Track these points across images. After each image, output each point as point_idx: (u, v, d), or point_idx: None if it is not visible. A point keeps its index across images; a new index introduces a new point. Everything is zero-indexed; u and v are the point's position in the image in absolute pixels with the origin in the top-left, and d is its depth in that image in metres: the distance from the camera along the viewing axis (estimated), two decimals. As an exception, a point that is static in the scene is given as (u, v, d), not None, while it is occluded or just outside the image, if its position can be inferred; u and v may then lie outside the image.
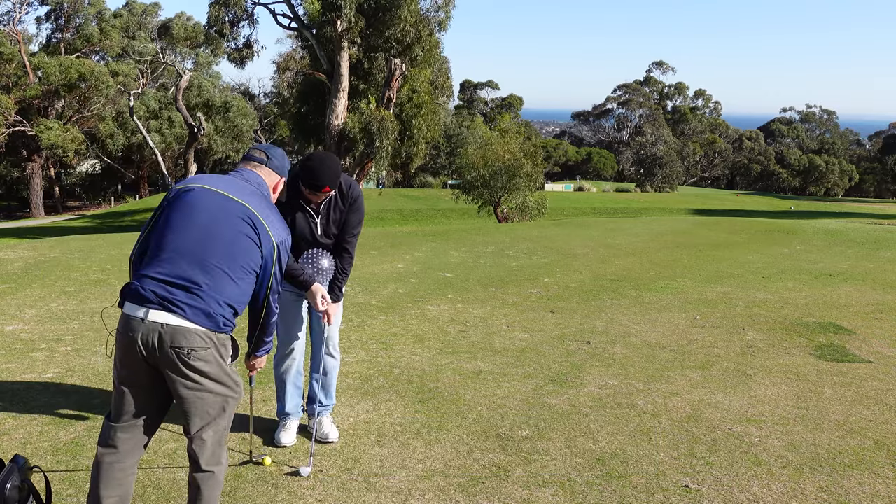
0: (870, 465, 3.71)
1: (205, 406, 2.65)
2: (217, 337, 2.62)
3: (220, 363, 2.65)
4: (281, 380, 3.83)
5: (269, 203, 2.85)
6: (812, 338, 6.18)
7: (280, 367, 3.82)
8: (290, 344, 3.76)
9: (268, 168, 2.94)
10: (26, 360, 5.06)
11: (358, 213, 3.66)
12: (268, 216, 2.77)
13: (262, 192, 2.86)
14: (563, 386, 4.82)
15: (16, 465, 2.73)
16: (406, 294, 7.79)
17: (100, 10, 50.25)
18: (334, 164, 3.42)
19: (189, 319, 2.54)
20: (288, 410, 3.86)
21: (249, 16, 28.02)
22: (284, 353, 3.78)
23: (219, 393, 2.67)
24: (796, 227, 16.06)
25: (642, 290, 8.30)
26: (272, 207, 2.85)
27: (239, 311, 2.70)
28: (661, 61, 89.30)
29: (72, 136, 41.16)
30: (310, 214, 3.57)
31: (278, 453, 3.71)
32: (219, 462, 2.71)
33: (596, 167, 77.73)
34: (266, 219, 2.75)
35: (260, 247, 2.71)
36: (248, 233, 2.69)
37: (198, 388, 2.61)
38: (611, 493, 3.37)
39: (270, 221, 2.77)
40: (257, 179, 2.88)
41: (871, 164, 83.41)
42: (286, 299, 3.67)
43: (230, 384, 2.70)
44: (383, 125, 21.59)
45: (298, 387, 3.87)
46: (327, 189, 3.41)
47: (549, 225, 17.06)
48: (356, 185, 3.67)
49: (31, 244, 11.19)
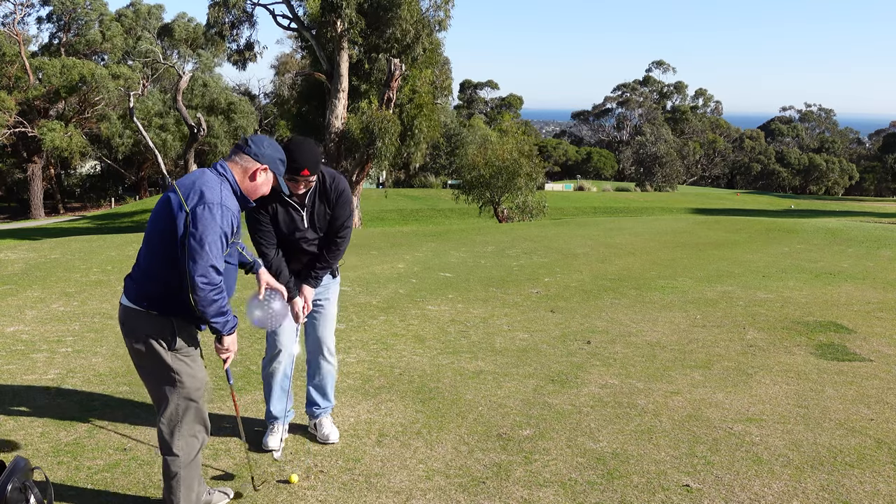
0: (871, 463, 3.71)
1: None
2: (148, 316, 2.79)
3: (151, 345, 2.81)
4: (268, 382, 3.79)
5: (214, 181, 2.78)
6: (813, 337, 6.18)
7: (267, 370, 3.77)
8: (276, 346, 3.71)
9: (244, 154, 2.89)
10: (27, 362, 5.06)
11: (346, 206, 3.58)
12: (194, 189, 2.72)
13: (218, 178, 2.81)
14: (563, 385, 4.81)
15: (17, 466, 2.73)
16: (406, 294, 7.79)
17: (101, 12, 50.27)
18: (312, 148, 3.34)
19: (129, 300, 2.83)
20: (275, 414, 3.81)
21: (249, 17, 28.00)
22: (272, 356, 3.73)
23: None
24: (796, 225, 16.05)
25: (643, 289, 8.30)
26: (211, 184, 2.75)
27: (160, 287, 2.77)
28: (661, 61, 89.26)
29: (76, 139, 41.16)
30: (293, 207, 3.50)
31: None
32: (170, 451, 2.87)
33: (596, 167, 77.69)
34: (188, 190, 2.73)
35: (176, 220, 2.70)
36: (169, 214, 2.73)
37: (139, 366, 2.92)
38: (612, 492, 3.37)
39: (193, 191, 2.72)
40: (225, 171, 2.86)
41: (872, 163, 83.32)
42: None
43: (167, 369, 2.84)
44: (384, 125, 21.58)
45: (285, 390, 3.82)
46: (306, 172, 3.31)
47: (549, 225, 17.06)
48: (341, 178, 3.59)
49: (32, 245, 11.19)
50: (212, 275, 2.67)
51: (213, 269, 2.68)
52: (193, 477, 2.90)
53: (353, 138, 22.38)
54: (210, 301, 2.70)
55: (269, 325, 3.32)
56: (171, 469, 2.86)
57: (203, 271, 2.65)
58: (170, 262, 2.73)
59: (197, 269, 2.65)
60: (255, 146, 2.90)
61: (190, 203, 2.69)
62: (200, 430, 2.92)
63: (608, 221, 17.83)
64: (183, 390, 2.84)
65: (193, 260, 2.65)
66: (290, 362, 3.78)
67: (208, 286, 2.67)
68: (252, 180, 2.90)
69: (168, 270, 2.74)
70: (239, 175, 2.88)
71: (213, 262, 2.67)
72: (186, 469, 2.87)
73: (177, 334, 2.81)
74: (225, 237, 2.73)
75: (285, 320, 3.46)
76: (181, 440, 2.86)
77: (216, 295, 2.71)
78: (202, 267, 2.65)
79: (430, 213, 41.46)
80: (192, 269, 2.65)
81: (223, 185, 2.80)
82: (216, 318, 2.76)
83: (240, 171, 2.88)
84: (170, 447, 2.85)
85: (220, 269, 2.70)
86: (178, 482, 2.86)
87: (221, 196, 2.74)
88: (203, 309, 2.70)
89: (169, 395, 2.84)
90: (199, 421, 2.92)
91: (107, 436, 3.85)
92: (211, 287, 2.68)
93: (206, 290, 2.68)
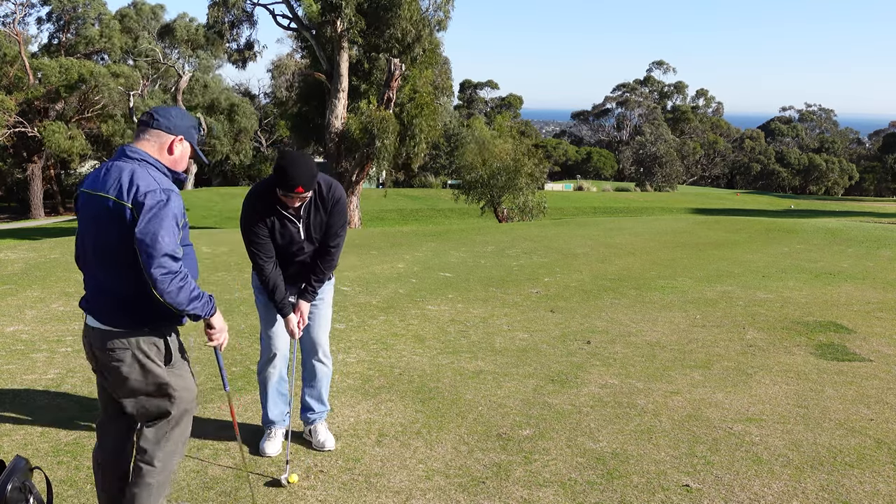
0: (871, 463, 3.71)
1: None
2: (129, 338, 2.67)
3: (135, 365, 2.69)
4: (264, 386, 3.74)
5: (134, 168, 2.62)
6: (812, 337, 6.18)
7: (262, 374, 3.72)
8: (271, 350, 3.66)
9: (155, 129, 2.70)
10: (27, 362, 5.06)
11: (341, 215, 3.51)
12: (121, 181, 2.58)
13: (134, 163, 2.65)
14: (563, 385, 4.82)
15: (16, 466, 2.73)
16: (406, 294, 7.79)
17: (101, 11, 50.25)
18: (307, 162, 3.25)
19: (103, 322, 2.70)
20: (272, 419, 3.77)
21: (249, 16, 27.99)
22: (266, 359, 3.69)
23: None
24: (796, 225, 16.04)
25: (642, 289, 8.30)
26: (136, 170, 2.60)
27: (133, 298, 2.62)
28: (661, 61, 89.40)
29: (78, 142, 41.15)
30: (290, 220, 3.44)
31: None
32: (150, 462, 2.77)
33: (596, 167, 77.70)
34: (113, 185, 2.58)
35: (119, 220, 2.57)
36: (109, 217, 2.58)
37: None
38: (611, 492, 3.37)
39: (122, 185, 2.57)
40: (138, 154, 2.67)
41: (871, 163, 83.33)
42: (268, 304, 3.56)
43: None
44: (384, 125, 21.58)
45: (283, 394, 3.78)
46: (300, 190, 3.23)
47: (549, 225, 17.06)
48: (338, 186, 3.52)
49: (32, 245, 11.19)
50: (168, 263, 2.51)
51: (169, 257, 2.51)
52: (164, 490, 2.81)
53: (352, 138, 22.37)
54: (176, 290, 2.54)
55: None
56: (145, 480, 2.75)
57: (158, 262, 2.49)
58: (131, 270, 2.58)
59: (152, 262, 2.49)
60: (163, 118, 2.71)
61: (128, 197, 2.54)
62: (182, 447, 2.85)
63: (608, 221, 17.82)
64: (181, 404, 2.76)
65: (147, 254, 2.49)
66: (286, 365, 3.74)
67: (168, 276, 2.51)
68: (170, 153, 2.73)
69: (136, 280, 2.58)
70: (155, 152, 2.70)
71: (166, 251, 2.50)
72: (160, 483, 2.78)
73: (171, 347, 2.72)
74: (177, 221, 2.58)
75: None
76: (161, 452, 2.76)
77: (180, 282, 2.54)
78: (156, 259, 2.49)
79: (430, 213, 41.46)
80: (147, 264, 2.50)
81: (147, 169, 2.62)
82: (191, 305, 2.60)
83: (155, 148, 2.70)
84: (151, 458, 2.75)
85: (176, 256, 2.54)
86: (150, 493, 2.75)
87: (155, 179, 2.59)
88: (172, 301, 2.55)
89: (164, 409, 2.75)
90: (183, 438, 2.84)
91: (107, 436, 3.84)
92: (171, 275, 2.52)
93: (167, 281, 2.51)
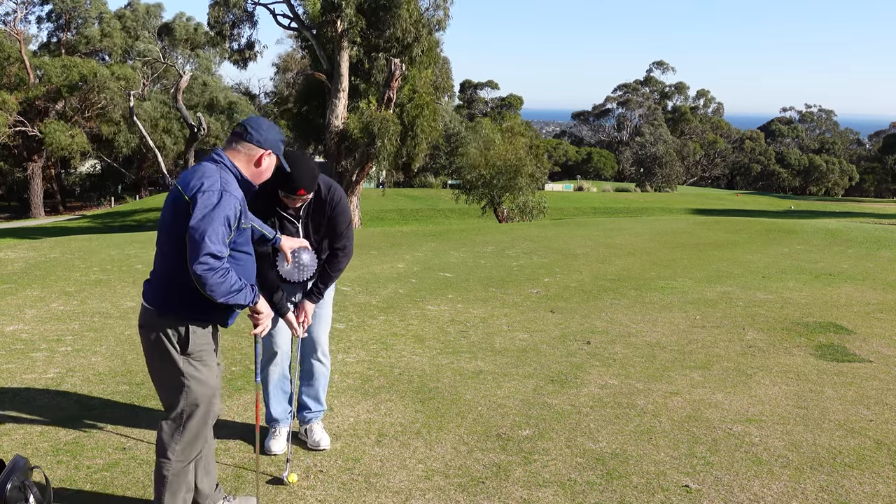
0: (870, 464, 3.71)
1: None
2: (159, 319, 2.77)
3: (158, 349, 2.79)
4: (266, 385, 3.75)
5: (211, 169, 2.73)
6: (812, 337, 6.18)
7: (264, 372, 3.74)
8: (273, 348, 3.68)
9: (245, 142, 2.82)
10: (26, 361, 5.06)
11: (343, 214, 3.53)
12: (194, 179, 2.69)
13: (216, 166, 2.77)
14: (563, 386, 4.82)
15: (16, 465, 2.73)
16: (406, 294, 7.79)
17: (101, 10, 50.24)
18: (308, 164, 3.26)
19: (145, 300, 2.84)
20: (276, 416, 3.78)
21: (249, 16, 28.00)
22: (268, 357, 3.70)
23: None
24: (796, 226, 16.04)
25: (642, 289, 8.30)
26: (209, 172, 2.71)
27: (173, 287, 2.74)
28: (662, 61, 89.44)
29: (78, 140, 41.16)
30: (289, 220, 3.45)
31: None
32: (164, 454, 2.85)
33: (596, 167, 77.72)
34: (187, 182, 2.69)
35: (178, 213, 2.68)
36: (172, 208, 2.71)
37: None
38: (611, 492, 3.37)
39: (193, 182, 2.68)
40: (222, 159, 2.79)
41: (872, 164, 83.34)
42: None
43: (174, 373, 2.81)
44: (384, 125, 21.59)
45: (286, 391, 3.79)
46: (302, 192, 3.26)
47: (549, 225, 17.06)
48: (337, 187, 3.53)
49: (32, 244, 11.19)
50: (210, 261, 2.58)
51: (211, 255, 2.58)
52: (181, 483, 2.87)
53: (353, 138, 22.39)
54: (217, 284, 2.60)
55: (297, 277, 3.49)
56: (161, 472, 2.85)
57: (202, 259, 2.56)
58: (179, 259, 2.67)
59: (196, 258, 2.57)
60: (255, 132, 2.82)
61: (189, 192, 2.65)
62: (200, 440, 2.88)
63: (608, 222, 17.82)
64: (190, 395, 2.81)
65: (192, 249, 2.58)
66: (288, 362, 3.77)
67: (209, 272, 2.58)
68: (258, 166, 2.85)
69: (179, 269, 2.68)
70: (243, 163, 2.81)
71: (210, 250, 2.57)
72: (176, 475, 2.84)
73: (190, 337, 2.78)
74: (228, 223, 2.64)
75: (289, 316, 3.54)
76: (178, 445, 2.83)
77: (221, 277, 2.61)
78: (200, 255, 2.57)
79: (430, 213, 41.47)
80: (192, 258, 2.58)
81: (222, 171, 2.74)
82: (235, 296, 2.67)
83: (243, 159, 2.82)
84: (165, 450, 2.83)
85: (219, 255, 2.60)
86: (164, 486, 2.84)
87: (221, 181, 2.68)
88: (215, 294, 2.62)
89: (176, 399, 2.81)
90: (201, 431, 2.87)
91: (106, 435, 3.85)
92: (212, 272, 2.59)
93: (209, 276, 2.58)
